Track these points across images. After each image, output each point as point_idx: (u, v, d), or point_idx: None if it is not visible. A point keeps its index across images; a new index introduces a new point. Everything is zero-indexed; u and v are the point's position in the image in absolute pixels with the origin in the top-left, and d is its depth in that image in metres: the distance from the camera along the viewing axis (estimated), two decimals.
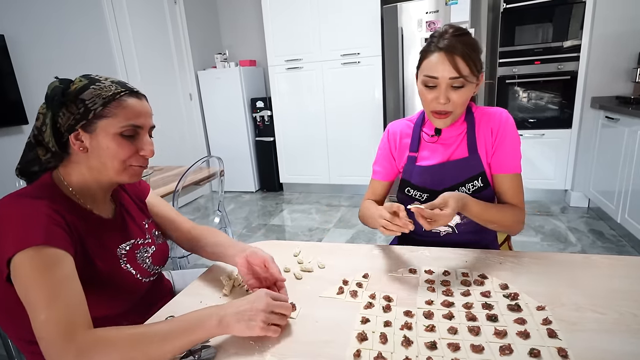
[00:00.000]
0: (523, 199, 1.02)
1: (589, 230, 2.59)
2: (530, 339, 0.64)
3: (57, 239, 0.66)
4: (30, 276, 0.62)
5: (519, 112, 2.98)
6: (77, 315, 0.62)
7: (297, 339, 0.69)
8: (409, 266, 0.92)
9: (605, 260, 0.88)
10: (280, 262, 0.98)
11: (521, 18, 2.82)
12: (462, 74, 0.90)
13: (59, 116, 0.72)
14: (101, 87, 0.72)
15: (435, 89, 0.94)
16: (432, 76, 0.93)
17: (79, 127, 0.71)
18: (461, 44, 0.90)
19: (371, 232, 2.79)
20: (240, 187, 4.06)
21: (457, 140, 1.04)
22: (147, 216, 0.94)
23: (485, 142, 1.01)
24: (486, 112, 1.04)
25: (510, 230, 1.02)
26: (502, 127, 1.00)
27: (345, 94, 3.43)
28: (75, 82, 0.73)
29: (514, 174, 1.00)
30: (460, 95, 0.93)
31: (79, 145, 0.73)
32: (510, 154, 0.99)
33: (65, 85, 0.72)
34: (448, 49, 0.90)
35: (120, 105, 0.73)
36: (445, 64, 0.90)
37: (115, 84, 0.74)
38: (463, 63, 0.90)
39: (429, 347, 0.64)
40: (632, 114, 2.20)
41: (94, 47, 2.77)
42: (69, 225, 0.70)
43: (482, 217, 0.95)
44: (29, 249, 0.62)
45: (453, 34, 0.91)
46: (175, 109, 3.65)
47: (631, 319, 0.67)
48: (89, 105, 0.70)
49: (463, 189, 1.01)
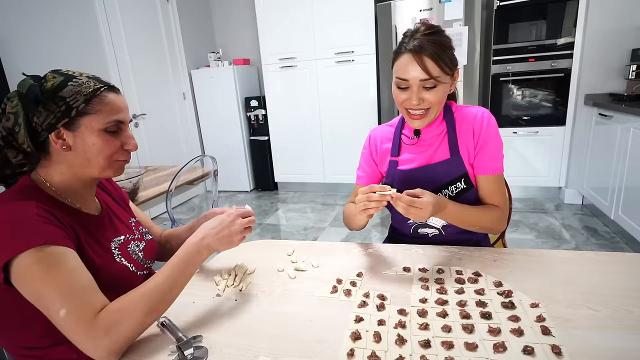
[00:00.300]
0: (504, 198, 1.02)
1: (583, 227, 2.61)
2: (524, 336, 0.63)
3: (55, 236, 0.66)
4: (39, 277, 0.62)
5: (513, 109, 2.99)
6: (95, 300, 0.65)
7: (290, 338, 0.68)
8: (403, 265, 0.91)
9: (599, 257, 0.88)
10: (274, 261, 0.97)
11: (515, 15, 2.82)
12: (432, 74, 0.89)
13: (35, 115, 0.69)
14: (79, 83, 0.70)
15: (407, 90, 0.93)
16: (402, 78, 0.92)
17: (61, 125, 0.70)
18: (431, 43, 0.88)
19: (366, 231, 2.79)
20: (234, 186, 4.04)
21: (438, 140, 1.03)
22: (132, 215, 0.95)
23: (466, 143, 1.00)
24: (467, 111, 1.02)
25: (491, 230, 1.02)
26: (485, 128, 0.98)
27: (339, 92, 3.42)
28: (48, 78, 0.70)
29: (496, 175, 1.00)
30: (434, 94, 0.92)
31: (61, 144, 0.71)
32: (492, 156, 0.99)
33: (39, 83, 0.69)
34: (416, 50, 0.88)
35: (102, 101, 0.72)
36: (414, 65, 0.89)
37: (91, 79, 0.73)
38: (432, 63, 0.89)
39: (423, 346, 0.63)
40: (625, 111, 2.22)
41: (86, 47, 2.74)
42: (61, 222, 0.70)
43: (460, 217, 0.95)
44: (30, 251, 0.62)
45: (423, 32, 0.90)
46: (169, 109, 3.62)
47: (625, 315, 0.67)
48: (71, 102, 0.69)
49: (446, 191, 1.01)
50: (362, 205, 0.86)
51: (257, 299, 0.82)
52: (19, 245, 0.62)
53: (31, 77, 0.70)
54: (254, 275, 0.93)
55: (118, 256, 0.81)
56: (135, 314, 0.66)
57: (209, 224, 0.78)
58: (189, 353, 0.65)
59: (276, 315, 0.76)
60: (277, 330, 0.71)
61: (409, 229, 1.09)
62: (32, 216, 0.66)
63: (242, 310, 0.78)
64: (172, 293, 0.71)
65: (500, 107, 3.00)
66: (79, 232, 0.74)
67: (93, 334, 0.62)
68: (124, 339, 0.65)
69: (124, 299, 0.67)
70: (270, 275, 0.92)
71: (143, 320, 0.67)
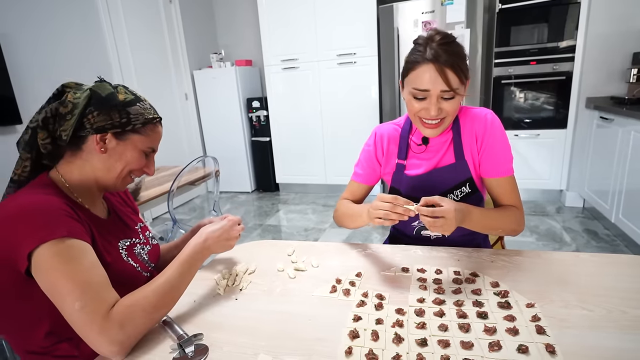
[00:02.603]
0: (520, 198, 1.00)
1: (583, 230, 2.61)
2: (519, 335, 0.64)
3: (77, 230, 0.69)
4: (58, 268, 0.64)
5: (515, 112, 2.99)
6: (109, 296, 0.68)
7: (289, 337, 0.69)
8: (401, 265, 0.92)
9: (595, 258, 0.89)
10: (274, 261, 0.99)
11: (517, 18, 2.83)
12: (453, 87, 0.87)
13: (93, 115, 0.75)
14: (145, 107, 0.81)
15: (424, 101, 0.91)
16: (422, 89, 0.89)
17: (111, 131, 0.76)
18: (449, 54, 0.86)
19: (367, 232, 2.80)
20: (236, 187, 4.06)
21: (444, 147, 1.02)
22: (140, 220, 0.98)
23: (470, 147, 0.99)
24: (470, 114, 1.01)
25: (512, 232, 0.99)
26: (488, 131, 0.97)
27: (341, 94, 3.43)
28: (120, 91, 0.79)
29: (508, 176, 0.98)
30: (451, 104, 0.91)
31: (100, 146, 0.77)
32: (500, 158, 0.97)
33: (115, 92, 0.79)
34: (437, 61, 0.86)
35: (154, 130, 0.83)
36: (436, 77, 0.86)
37: (152, 107, 0.84)
38: (453, 75, 0.87)
39: (420, 344, 0.64)
40: (626, 114, 2.22)
41: (89, 47, 2.76)
42: (80, 218, 0.73)
43: (484, 222, 0.93)
44: (52, 242, 0.65)
45: (440, 42, 0.87)
46: (171, 109, 3.65)
47: (619, 315, 0.68)
48: (132, 119, 0.78)
49: (451, 196, 1.00)
50: (383, 214, 0.83)
51: (257, 298, 0.84)
52: (43, 235, 0.64)
53: (109, 84, 0.79)
54: (254, 275, 0.94)
55: (125, 256, 0.83)
56: (148, 309, 0.69)
57: (210, 228, 0.86)
58: (190, 350, 0.66)
59: (276, 314, 0.77)
60: (276, 328, 0.72)
61: (412, 231, 1.09)
62: (57, 209, 0.69)
63: (242, 309, 0.80)
64: (179, 289, 0.76)
65: (502, 110, 3.00)
66: (93, 229, 0.77)
67: (107, 328, 0.64)
68: (136, 334, 0.68)
69: (136, 294, 0.70)
70: (270, 275, 0.93)
71: (154, 314, 0.71)
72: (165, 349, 0.68)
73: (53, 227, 0.66)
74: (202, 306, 0.81)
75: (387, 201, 0.83)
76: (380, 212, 0.84)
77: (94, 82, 0.79)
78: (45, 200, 0.70)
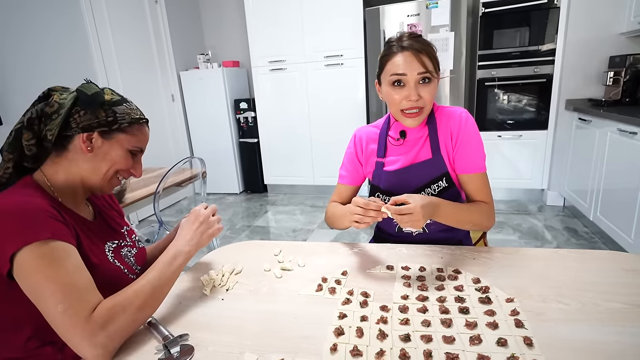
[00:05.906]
0: (491, 195, 1.05)
1: (564, 227, 2.68)
2: (498, 329, 0.66)
3: (61, 232, 0.68)
4: (41, 270, 0.63)
5: (498, 113, 3.06)
6: (93, 299, 0.67)
7: (275, 335, 0.70)
8: (386, 263, 0.94)
9: (573, 254, 0.92)
10: (261, 261, 0.99)
11: (499, 22, 2.90)
12: (428, 68, 0.95)
13: (80, 114, 0.74)
14: (132, 108, 0.81)
15: (404, 88, 0.97)
16: (400, 73, 0.95)
17: (98, 130, 0.76)
18: (421, 43, 0.96)
19: (355, 232, 2.81)
20: (224, 188, 4.03)
21: (421, 141, 1.06)
22: (126, 223, 0.97)
23: (445, 143, 1.03)
24: (446, 111, 1.06)
25: (483, 227, 1.05)
26: (462, 129, 1.01)
27: (328, 95, 3.45)
28: (107, 92, 0.79)
29: (480, 173, 1.02)
30: (429, 90, 0.97)
31: (87, 145, 0.76)
32: (473, 155, 1.02)
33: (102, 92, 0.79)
34: (412, 48, 0.95)
35: (140, 130, 0.83)
36: (412, 60, 0.94)
37: (139, 110, 0.84)
38: (427, 59, 0.95)
39: (403, 340, 0.66)
40: (602, 116, 2.30)
41: (72, 47, 2.71)
42: (65, 219, 0.72)
43: (455, 216, 0.97)
44: (36, 244, 0.64)
45: (410, 36, 0.97)
46: (157, 110, 3.61)
47: (593, 308, 0.71)
48: (119, 118, 0.78)
49: (429, 190, 1.04)
50: (358, 217, 0.88)
51: (243, 297, 0.84)
52: (26, 237, 0.63)
53: (96, 86, 0.78)
54: (240, 275, 0.94)
55: (112, 258, 0.83)
56: (130, 310, 0.68)
57: (187, 224, 0.87)
58: (175, 351, 0.66)
59: (262, 313, 0.77)
60: (262, 327, 0.72)
61: (394, 228, 1.11)
62: (41, 211, 0.68)
63: (228, 309, 0.80)
64: (163, 290, 0.76)
65: (485, 111, 3.07)
66: (79, 231, 0.76)
67: (89, 330, 0.63)
68: (119, 336, 0.67)
69: (119, 296, 0.69)
70: (257, 275, 0.93)
71: (137, 316, 0.70)
72: (151, 350, 0.68)
73: (37, 228, 0.65)
74: (188, 307, 0.81)
75: (359, 206, 0.88)
76: (356, 216, 0.88)
77: (81, 84, 0.79)
78: (28, 202, 0.68)
